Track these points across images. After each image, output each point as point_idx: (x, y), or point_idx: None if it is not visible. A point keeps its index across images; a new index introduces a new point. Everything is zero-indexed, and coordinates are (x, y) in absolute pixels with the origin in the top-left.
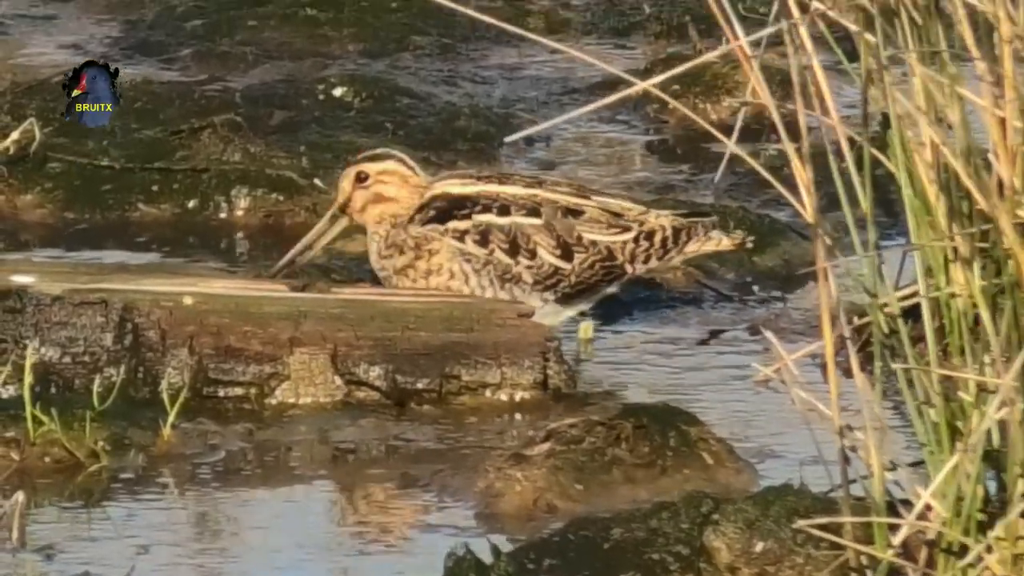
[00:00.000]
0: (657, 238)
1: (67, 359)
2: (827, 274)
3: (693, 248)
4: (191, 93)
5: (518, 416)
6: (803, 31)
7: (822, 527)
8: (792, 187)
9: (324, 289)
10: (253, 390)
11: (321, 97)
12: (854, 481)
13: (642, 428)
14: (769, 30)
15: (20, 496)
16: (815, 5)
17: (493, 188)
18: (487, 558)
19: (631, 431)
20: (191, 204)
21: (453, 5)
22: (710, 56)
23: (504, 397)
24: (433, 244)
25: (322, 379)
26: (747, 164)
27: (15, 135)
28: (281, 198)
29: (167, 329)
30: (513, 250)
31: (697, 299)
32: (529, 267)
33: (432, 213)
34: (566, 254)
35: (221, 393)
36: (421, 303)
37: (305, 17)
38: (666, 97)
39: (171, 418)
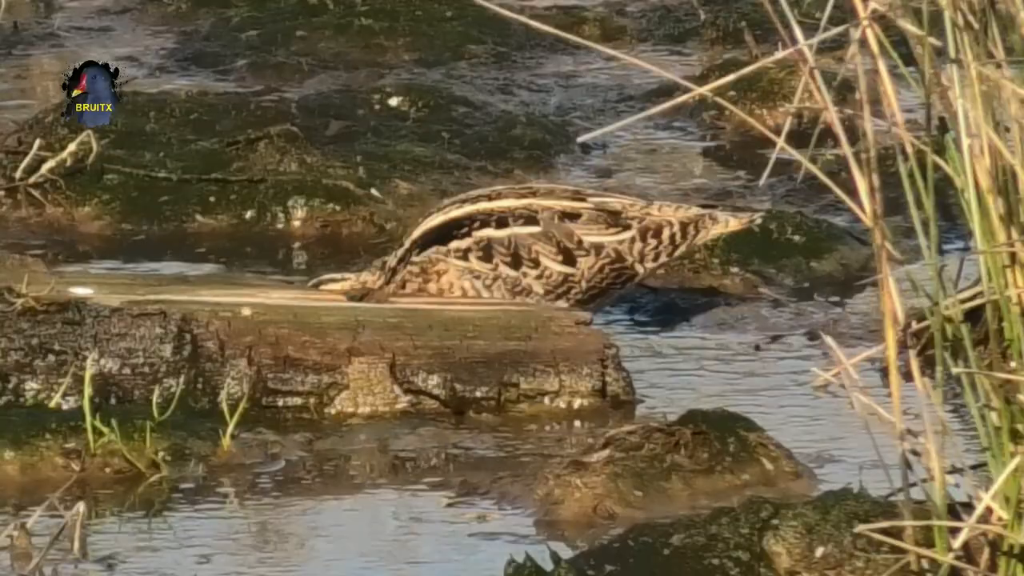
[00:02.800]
0: (665, 234)
1: (126, 370)
2: (888, 279)
3: (701, 237)
4: (247, 104)
5: (577, 423)
6: (870, 32)
7: (883, 531)
8: (850, 192)
9: (382, 298)
10: (312, 400)
11: (377, 107)
12: (914, 485)
13: (701, 434)
14: (830, 32)
15: (81, 507)
16: (873, 6)
17: (484, 205)
18: (547, 565)
19: (690, 437)
20: (248, 215)
21: (509, 13)
22: (767, 61)
23: (563, 404)
24: (439, 265)
25: (381, 388)
26: (804, 170)
27: (72, 147)
28: (338, 208)
29: (226, 340)
30: (516, 262)
31: (755, 304)
32: (538, 277)
33: (432, 236)
34: (568, 259)
35: (280, 403)
36: (479, 312)
37: (360, 27)
38: (723, 102)
39: (231, 428)
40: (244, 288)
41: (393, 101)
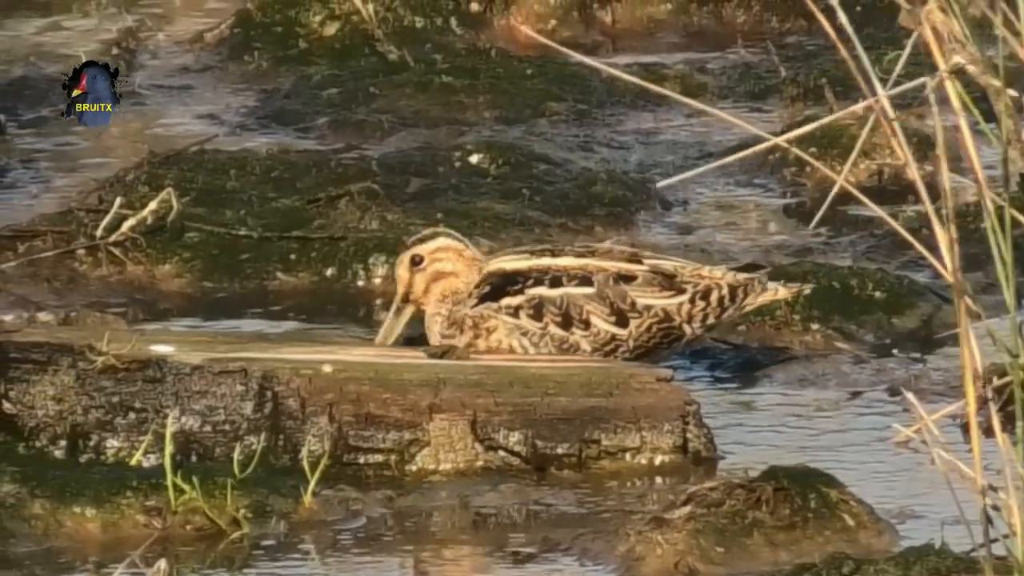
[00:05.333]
0: (713, 297)
1: (207, 428)
2: (968, 334)
3: (749, 302)
4: (328, 162)
5: (658, 480)
6: (951, 87)
7: None
8: (931, 248)
9: (463, 356)
10: (393, 457)
11: (457, 164)
12: (996, 540)
13: (782, 490)
14: (905, 86)
15: (163, 564)
16: (954, 58)
17: (546, 261)
18: None
19: (771, 493)
20: (329, 272)
21: (595, 63)
22: (844, 113)
23: (644, 461)
24: (490, 323)
25: (462, 445)
26: (886, 226)
27: (153, 205)
28: None
29: (307, 397)
30: (566, 322)
31: (836, 361)
32: (586, 336)
33: (487, 290)
34: (621, 320)
35: (361, 460)
36: (560, 369)
37: (440, 84)
38: (804, 156)
39: (312, 485)
40: (325, 345)
41: (473, 158)
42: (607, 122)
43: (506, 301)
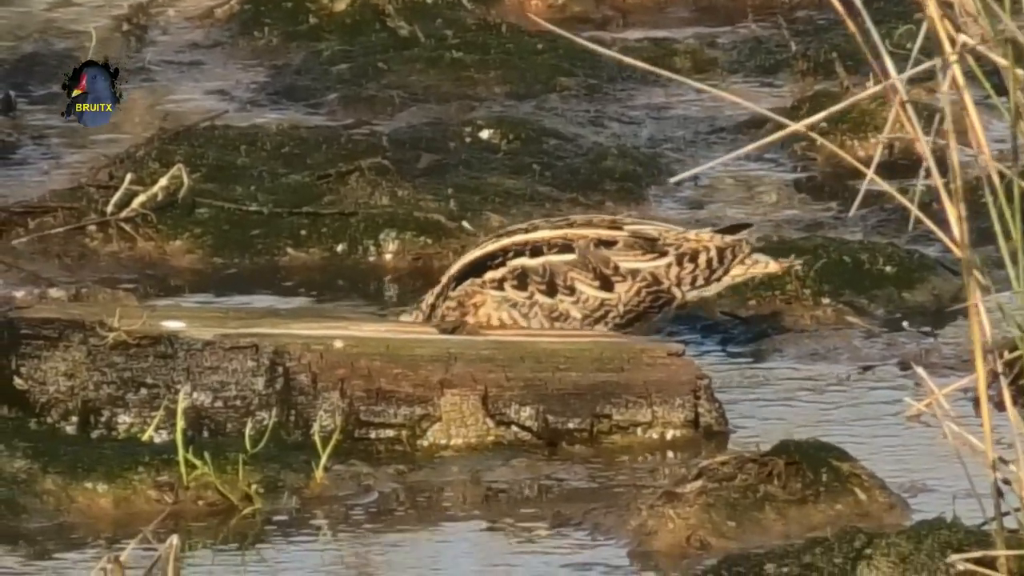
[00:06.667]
0: (702, 259)
1: (219, 403)
2: (978, 309)
3: (740, 271)
4: (338, 137)
5: (669, 454)
6: (956, 69)
7: (976, 560)
8: (941, 222)
9: (474, 331)
10: (405, 432)
11: (468, 140)
12: (1007, 514)
13: (794, 464)
14: (920, 68)
15: (175, 540)
16: (963, 38)
17: (520, 237)
18: None
19: (783, 467)
20: (339, 248)
21: (599, 48)
22: (860, 97)
23: (655, 435)
24: (476, 298)
25: (473, 420)
26: (895, 200)
27: (163, 181)
28: (429, 241)
29: (318, 372)
30: (551, 290)
31: (847, 335)
32: (575, 303)
33: (466, 270)
34: (606, 284)
35: (373, 435)
36: (571, 343)
37: (451, 60)
38: (815, 136)
39: (323, 460)
40: (336, 321)
41: (484, 134)
42: (618, 97)
43: (489, 275)
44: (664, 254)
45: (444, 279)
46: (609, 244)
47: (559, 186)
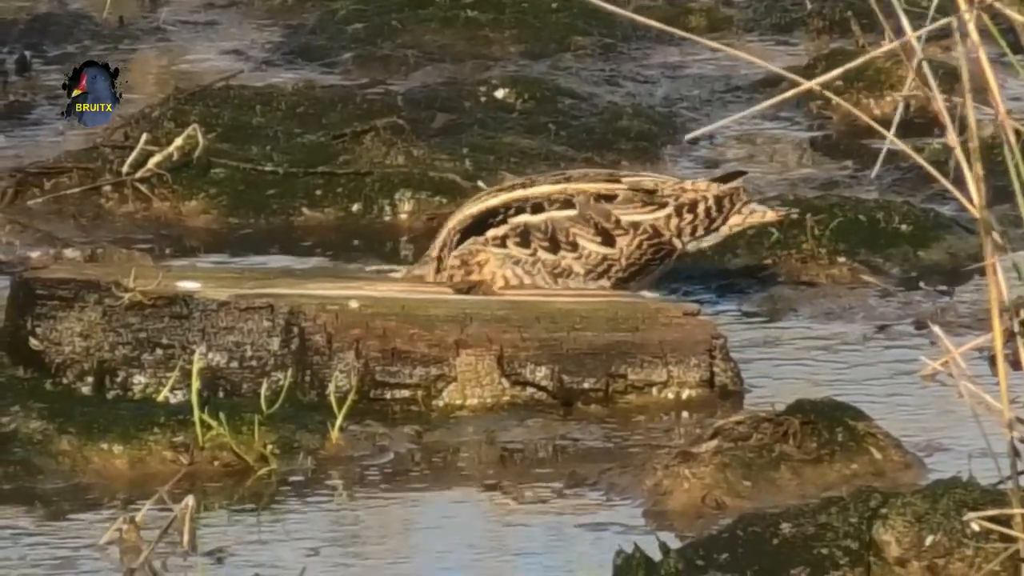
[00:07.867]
0: (700, 208)
1: (234, 364)
2: (995, 268)
3: (738, 220)
4: (353, 97)
5: (685, 414)
6: (971, 26)
7: (992, 519)
8: (956, 181)
9: (489, 291)
10: (420, 392)
11: (483, 99)
12: (1023, 473)
13: (809, 424)
14: (935, 25)
15: (190, 500)
16: None
17: (520, 193)
18: (656, 555)
19: (798, 427)
20: (355, 208)
21: (613, 8)
22: (875, 54)
23: (671, 395)
24: (479, 256)
25: (488, 380)
26: (912, 159)
27: (179, 141)
28: (444, 200)
29: (333, 333)
30: (554, 246)
31: (862, 294)
32: (577, 258)
33: (469, 227)
34: (607, 239)
35: (388, 396)
36: (586, 303)
37: (466, 19)
38: (830, 95)
39: (339, 421)
40: (351, 281)
41: (499, 93)
42: (633, 56)
43: (491, 233)
44: (664, 205)
45: (444, 232)
46: (609, 198)
47: (574, 145)
